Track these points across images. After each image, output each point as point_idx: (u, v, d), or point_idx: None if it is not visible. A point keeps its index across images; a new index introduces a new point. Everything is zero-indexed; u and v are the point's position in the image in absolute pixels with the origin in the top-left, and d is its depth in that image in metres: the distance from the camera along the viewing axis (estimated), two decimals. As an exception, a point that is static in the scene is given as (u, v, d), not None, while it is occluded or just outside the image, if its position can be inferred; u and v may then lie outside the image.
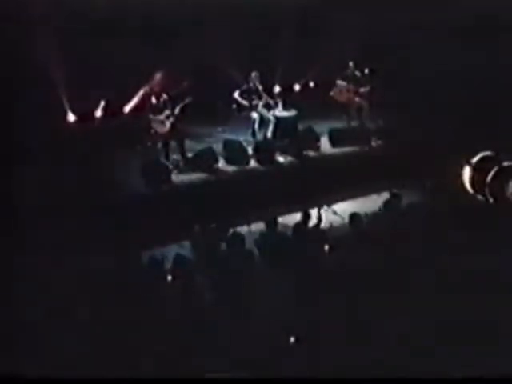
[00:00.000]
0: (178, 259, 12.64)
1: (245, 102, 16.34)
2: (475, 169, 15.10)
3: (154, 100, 15.37)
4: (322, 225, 13.96)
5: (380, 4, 17.09)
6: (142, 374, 9.73)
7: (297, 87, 18.48)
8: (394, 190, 15.14)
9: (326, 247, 13.20)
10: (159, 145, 15.57)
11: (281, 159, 16.13)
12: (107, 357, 10.00)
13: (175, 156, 15.60)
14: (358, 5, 17.10)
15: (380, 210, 14.59)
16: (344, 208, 14.94)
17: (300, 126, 16.74)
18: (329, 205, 14.94)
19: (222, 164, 15.70)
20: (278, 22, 16.94)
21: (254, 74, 16.35)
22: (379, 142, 17.01)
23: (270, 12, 16.88)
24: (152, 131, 15.45)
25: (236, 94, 16.35)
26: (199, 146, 15.94)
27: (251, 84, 16.37)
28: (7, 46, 14.81)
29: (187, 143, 15.86)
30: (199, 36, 16.20)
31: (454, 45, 17.37)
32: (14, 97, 14.67)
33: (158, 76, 15.93)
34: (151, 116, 15.36)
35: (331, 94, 17.50)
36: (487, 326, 10.63)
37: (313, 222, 13.83)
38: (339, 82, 17.40)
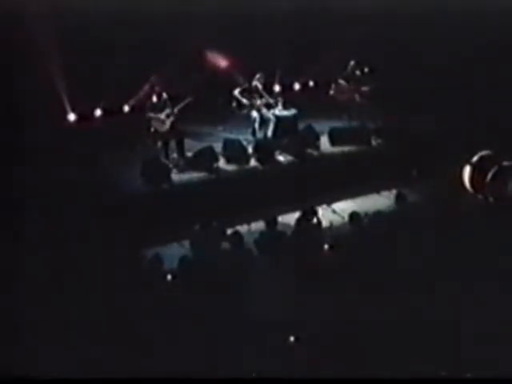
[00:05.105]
0: (178, 258, 12.66)
1: (245, 101, 16.33)
2: (475, 168, 15.12)
3: (154, 99, 15.38)
4: (323, 224, 13.94)
5: (380, 3, 17.07)
6: (142, 374, 9.73)
7: (297, 86, 18.48)
8: (394, 190, 15.16)
9: (326, 246, 13.21)
10: (159, 144, 15.58)
11: (281, 158, 16.12)
12: (107, 356, 10.01)
13: (175, 155, 15.61)
14: (358, 4, 17.08)
15: (380, 209, 14.61)
16: (344, 207, 14.95)
17: (300, 125, 16.74)
18: (328, 204, 14.94)
19: (222, 163, 15.71)
20: (279, 21, 16.93)
21: (258, 76, 16.35)
22: (379, 141, 17.01)
23: (270, 11, 16.86)
24: (152, 130, 15.46)
25: (236, 92, 16.33)
26: (199, 145, 15.94)
27: (252, 83, 16.38)
28: (7, 46, 14.83)
29: (187, 142, 15.85)
30: (199, 35, 16.20)
31: (454, 44, 17.39)
32: (14, 97, 14.69)
33: (157, 75, 15.92)
34: (151, 115, 15.36)
35: (331, 93, 17.51)
36: (488, 326, 10.64)
37: (313, 221, 13.82)
38: (339, 81, 17.40)
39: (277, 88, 17.69)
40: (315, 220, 13.80)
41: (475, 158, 15.18)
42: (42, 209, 12.92)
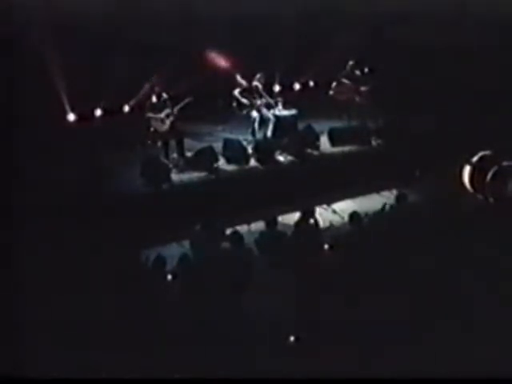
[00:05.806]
0: (178, 258, 12.63)
1: (245, 101, 16.33)
2: (475, 168, 15.12)
3: (154, 99, 15.38)
4: (321, 225, 13.92)
5: (380, 3, 17.09)
6: (141, 374, 9.72)
7: (297, 86, 18.48)
8: (394, 190, 15.15)
9: (326, 246, 13.19)
10: (159, 144, 15.58)
11: (281, 158, 16.14)
12: (107, 356, 9.99)
13: (175, 155, 15.60)
14: (358, 4, 17.10)
15: (379, 209, 14.58)
16: (344, 207, 14.94)
17: (300, 125, 16.75)
18: (328, 204, 14.93)
19: (221, 163, 15.71)
20: (279, 21, 16.94)
21: (258, 76, 16.36)
22: (379, 141, 17.01)
23: (270, 11, 16.87)
24: (152, 130, 15.46)
25: (236, 92, 16.34)
26: (199, 145, 15.95)
27: (252, 83, 16.38)
28: (8, 46, 14.83)
29: (187, 142, 15.87)
30: (199, 35, 16.21)
31: (454, 44, 17.38)
32: (14, 97, 14.68)
33: (157, 75, 15.92)
34: (151, 114, 15.37)
35: (331, 93, 17.52)
36: (488, 326, 10.63)
37: (312, 221, 13.80)
38: (340, 81, 17.41)
39: (277, 88, 17.70)
40: (313, 221, 13.78)
41: (475, 158, 15.19)
42: (42, 209, 12.91)
